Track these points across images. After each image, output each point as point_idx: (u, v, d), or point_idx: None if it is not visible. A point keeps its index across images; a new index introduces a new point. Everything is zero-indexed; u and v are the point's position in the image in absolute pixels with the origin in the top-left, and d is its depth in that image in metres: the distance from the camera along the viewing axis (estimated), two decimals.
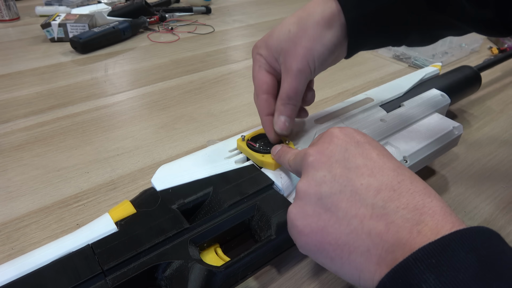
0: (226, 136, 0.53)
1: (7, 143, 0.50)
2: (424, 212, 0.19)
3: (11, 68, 0.71)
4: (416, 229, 0.19)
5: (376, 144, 0.24)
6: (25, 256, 0.27)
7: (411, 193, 0.20)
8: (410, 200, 0.20)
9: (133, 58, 0.78)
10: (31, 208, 0.40)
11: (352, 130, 0.25)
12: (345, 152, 0.23)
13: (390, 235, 0.19)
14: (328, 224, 0.21)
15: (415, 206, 0.19)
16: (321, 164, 0.23)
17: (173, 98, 0.63)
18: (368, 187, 0.21)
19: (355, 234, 0.20)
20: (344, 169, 0.22)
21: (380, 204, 0.20)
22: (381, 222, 0.20)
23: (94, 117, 0.57)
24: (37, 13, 0.98)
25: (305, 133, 0.41)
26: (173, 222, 0.30)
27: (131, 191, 0.43)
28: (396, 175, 0.21)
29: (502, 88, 0.70)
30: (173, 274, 0.27)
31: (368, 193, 0.21)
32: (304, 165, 0.25)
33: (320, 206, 0.22)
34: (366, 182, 0.21)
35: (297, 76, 0.33)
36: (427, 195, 0.20)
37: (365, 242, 0.20)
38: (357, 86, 0.69)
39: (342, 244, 0.21)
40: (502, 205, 0.43)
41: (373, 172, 0.22)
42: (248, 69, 0.74)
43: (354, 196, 0.21)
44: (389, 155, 0.23)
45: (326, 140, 0.25)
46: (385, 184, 0.21)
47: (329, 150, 0.24)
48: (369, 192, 0.21)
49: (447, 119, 0.45)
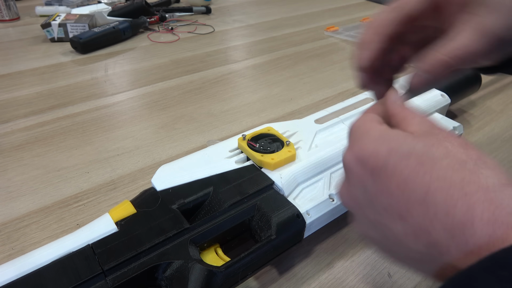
0: (226, 136, 0.53)
1: (7, 143, 0.50)
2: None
3: (11, 68, 0.71)
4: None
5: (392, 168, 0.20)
6: (25, 256, 0.27)
7: (448, 230, 0.17)
8: (449, 241, 0.17)
9: (133, 58, 0.78)
10: (31, 208, 0.40)
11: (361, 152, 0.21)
12: (365, 193, 0.21)
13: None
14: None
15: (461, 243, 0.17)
16: (354, 209, 0.23)
17: (173, 98, 0.63)
18: (405, 235, 0.19)
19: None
20: (376, 214, 0.21)
21: (425, 251, 0.19)
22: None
23: (94, 117, 0.57)
24: (37, 13, 0.98)
25: (306, 133, 0.41)
26: (173, 222, 0.30)
27: (131, 191, 0.43)
28: (426, 211, 0.18)
29: (502, 88, 0.70)
30: (173, 274, 0.27)
31: (408, 240, 0.19)
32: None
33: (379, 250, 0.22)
34: (401, 229, 0.19)
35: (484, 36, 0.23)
36: (469, 220, 0.17)
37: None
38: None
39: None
40: None
41: (402, 216, 0.19)
42: (248, 69, 0.74)
43: (398, 244, 0.20)
44: (410, 179, 0.19)
45: (345, 173, 0.23)
46: (419, 229, 0.19)
47: (352, 194, 0.23)
48: (408, 238, 0.19)
49: (447, 119, 0.45)
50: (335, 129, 0.42)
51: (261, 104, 0.62)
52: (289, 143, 0.37)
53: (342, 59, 0.79)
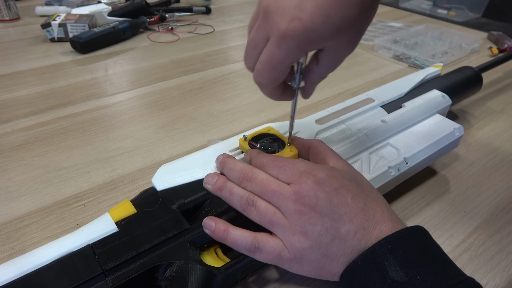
0: (226, 136, 0.53)
1: (8, 143, 0.50)
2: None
3: (11, 68, 0.71)
4: (379, 229, 0.28)
5: (348, 184, 0.30)
6: (25, 255, 0.27)
7: (374, 225, 0.28)
8: (376, 232, 0.28)
9: (133, 58, 0.78)
10: (32, 208, 0.40)
11: (327, 177, 0.29)
12: (330, 205, 0.28)
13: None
14: (326, 264, 0.28)
15: (380, 231, 0.28)
16: (316, 220, 0.28)
17: (173, 98, 0.63)
18: (348, 232, 0.28)
19: (343, 266, 0.28)
20: (332, 221, 0.28)
21: (356, 243, 0.28)
22: (358, 253, 0.28)
23: (94, 117, 0.57)
24: (37, 13, 0.98)
25: (306, 133, 0.41)
26: (173, 223, 0.30)
27: (131, 191, 0.43)
28: (365, 214, 0.29)
29: (503, 88, 0.70)
30: (173, 275, 0.27)
31: (349, 236, 0.28)
32: (299, 220, 0.28)
33: (320, 253, 0.28)
34: (347, 229, 0.28)
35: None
36: (385, 217, 0.29)
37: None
38: (357, 86, 0.69)
39: (333, 273, 0.29)
40: (502, 205, 0.43)
41: (351, 218, 0.28)
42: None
43: (341, 242, 0.28)
44: (358, 190, 0.30)
45: (310, 194, 0.29)
46: (359, 226, 0.28)
47: (318, 206, 0.28)
48: (350, 235, 0.28)
49: (448, 120, 0.45)
50: (335, 129, 0.42)
51: (261, 104, 0.62)
52: (291, 143, 0.37)
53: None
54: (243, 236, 0.29)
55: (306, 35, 0.26)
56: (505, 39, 0.89)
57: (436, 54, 0.80)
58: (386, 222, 0.29)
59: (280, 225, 0.29)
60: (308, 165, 0.31)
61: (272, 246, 0.29)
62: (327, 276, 0.29)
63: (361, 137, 0.40)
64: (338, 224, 0.28)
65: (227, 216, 0.31)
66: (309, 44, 0.27)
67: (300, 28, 0.26)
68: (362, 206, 0.29)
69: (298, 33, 0.26)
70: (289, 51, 0.27)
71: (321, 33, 0.26)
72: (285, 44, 0.27)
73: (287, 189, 0.29)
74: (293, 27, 0.26)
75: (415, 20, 1.08)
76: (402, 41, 0.86)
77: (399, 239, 0.27)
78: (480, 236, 0.39)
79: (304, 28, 0.26)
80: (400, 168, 0.39)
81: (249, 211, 0.30)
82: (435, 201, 0.43)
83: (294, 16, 0.26)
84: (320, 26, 0.26)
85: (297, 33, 0.26)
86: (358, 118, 0.44)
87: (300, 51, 0.27)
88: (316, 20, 0.25)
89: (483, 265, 0.36)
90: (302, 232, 0.28)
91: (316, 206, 0.28)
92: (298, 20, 0.26)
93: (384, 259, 0.26)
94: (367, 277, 0.26)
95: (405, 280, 0.24)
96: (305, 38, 0.26)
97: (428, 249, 0.27)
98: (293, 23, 0.26)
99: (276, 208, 0.29)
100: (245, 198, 0.30)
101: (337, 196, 0.29)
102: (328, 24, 0.26)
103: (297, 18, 0.26)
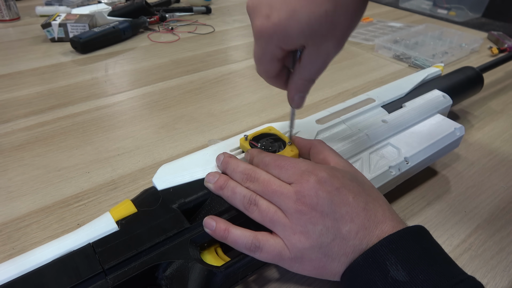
0: (227, 136, 0.53)
1: (8, 143, 0.50)
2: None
3: (12, 68, 0.71)
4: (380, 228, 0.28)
5: (349, 183, 0.30)
6: (26, 254, 0.27)
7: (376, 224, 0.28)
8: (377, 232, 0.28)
9: (133, 58, 0.78)
10: (32, 208, 0.40)
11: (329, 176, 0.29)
12: (331, 204, 0.28)
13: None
14: (326, 264, 0.28)
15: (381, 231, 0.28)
16: (317, 219, 0.28)
17: (174, 98, 0.63)
18: (350, 231, 0.28)
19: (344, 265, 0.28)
20: (333, 221, 0.28)
21: (357, 242, 0.28)
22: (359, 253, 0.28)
23: (95, 117, 0.57)
24: (37, 13, 0.98)
25: (307, 133, 0.41)
26: (173, 222, 0.30)
27: (132, 191, 0.43)
28: (366, 214, 0.29)
29: (503, 88, 0.70)
30: (174, 274, 0.27)
31: (350, 236, 0.28)
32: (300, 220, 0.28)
33: (321, 253, 0.28)
34: (348, 228, 0.28)
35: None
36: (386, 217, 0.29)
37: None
38: (357, 86, 0.69)
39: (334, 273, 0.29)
40: (502, 205, 0.43)
41: (352, 218, 0.28)
42: (248, 69, 0.75)
43: (342, 241, 0.28)
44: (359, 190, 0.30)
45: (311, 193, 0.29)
46: (360, 225, 0.28)
47: (319, 206, 0.28)
48: (351, 235, 0.28)
49: (449, 120, 0.45)
50: (336, 129, 0.42)
51: (261, 104, 0.62)
52: (291, 143, 0.37)
53: (342, 59, 0.79)
54: (243, 235, 0.29)
55: (273, 32, 0.27)
56: (505, 39, 0.89)
57: (436, 54, 0.80)
58: (387, 222, 0.29)
59: (281, 224, 0.29)
60: (309, 165, 0.31)
61: (272, 245, 0.29)
62: (328, 276, 0.29)
63: (361, 136, 0.40)
64: (340, 224, 0.28)
65: (228, 215, 0.31)
66: (282, 41, 0.27)
67: (268, 25, 0.27)
68: (364, 206, 0.29)
69: (267, 30, 0.27)
70: (265, 48, 0.28)
71: (288, 29, 0.26)
72: (259, 41, 0.28)
73: (288, 189, 0.29)
74: (262, 24, 0.27)
75: (415, 20, 1.08)
76: (402, 41, 0.86)
77: (401, 238, 0.27)
78: (481, 236, 0.39)
79: (271, 25, 0.26)
80: (401, 168, 0.39)
81: (251, 210, 0.30)
82: (435, 201, 0.43)
83: (265, 14, 0.27)
84: (286, 22, 0.26)
85: (266, 31, 0.27)
86: (358, 118, 0.44)
87: (275, 47, 0.28)
88: (283, 16, 0.26)
89: (483, 265, 0.36)
90: (303, 232, 0.28)
91: (317, 206, 0.28)
92: (266, 18, 0.26)
93: (385, 258, 0.26)
94: (368, 276, 0.26)
95: (406, 279, 0.25)
96: (273, 35, 0.27)
97: (429, 248, 0.27)
98: (263, 20, 0.27)
99: (277, 208, 0.29)
100: (248, 197, 0.30)
101: (338, 196, 0.29)
102: (294, 19, 0.26)
103: (266, 15, 0.26)
